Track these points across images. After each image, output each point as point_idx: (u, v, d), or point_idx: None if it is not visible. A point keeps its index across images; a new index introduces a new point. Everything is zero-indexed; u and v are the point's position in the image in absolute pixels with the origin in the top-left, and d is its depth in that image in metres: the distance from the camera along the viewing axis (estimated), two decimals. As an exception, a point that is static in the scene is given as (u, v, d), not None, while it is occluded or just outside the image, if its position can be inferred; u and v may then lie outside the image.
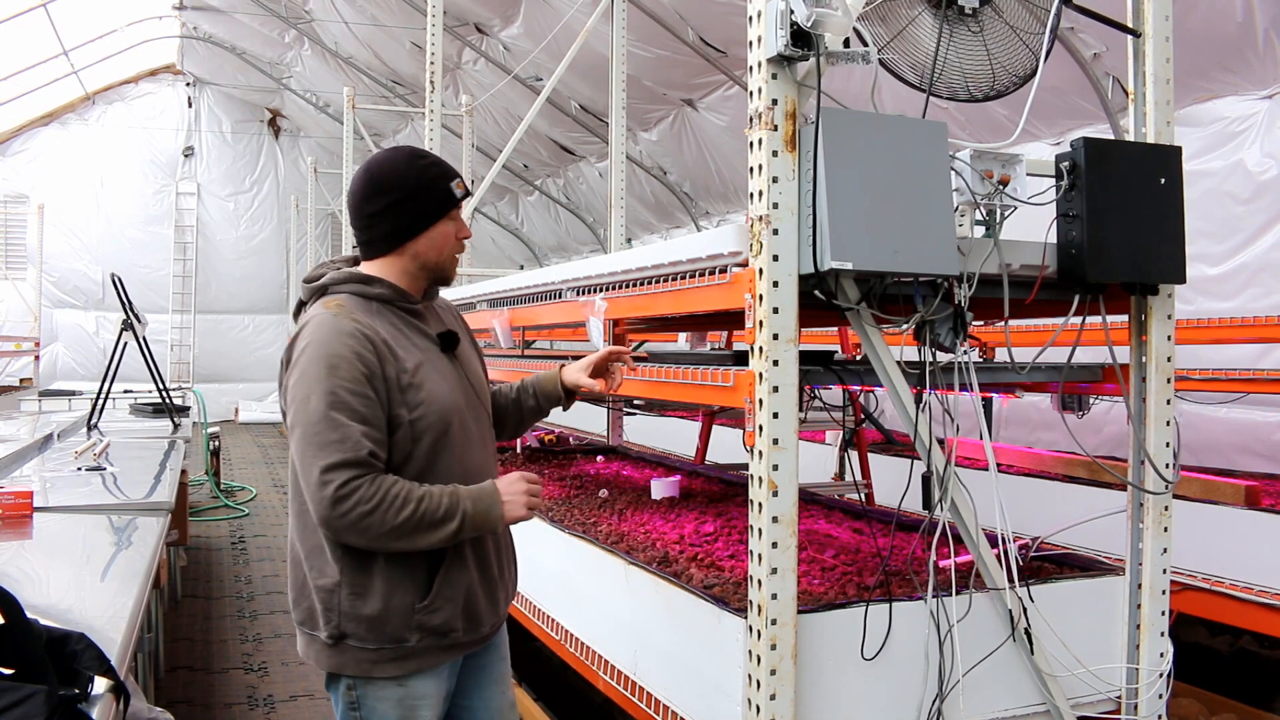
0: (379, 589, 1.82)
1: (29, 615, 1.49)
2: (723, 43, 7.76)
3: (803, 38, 1.86)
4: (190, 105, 16.31)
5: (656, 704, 2.44)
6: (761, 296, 1.94)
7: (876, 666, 2.11)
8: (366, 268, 1.96)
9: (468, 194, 2.00)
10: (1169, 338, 2.37)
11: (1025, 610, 2.20)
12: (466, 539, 1.86)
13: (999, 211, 2.16)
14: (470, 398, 1.98)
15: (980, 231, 2.17)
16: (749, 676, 2.00)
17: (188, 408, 6.75)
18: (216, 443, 8.67)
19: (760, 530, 1.96)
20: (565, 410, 2.28)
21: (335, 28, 11.58)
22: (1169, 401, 2.37)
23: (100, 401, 5.64)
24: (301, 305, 1.98)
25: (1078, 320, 2.24)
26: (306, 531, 1.86)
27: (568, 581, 3.09)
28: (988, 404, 4.10)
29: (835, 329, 4.83)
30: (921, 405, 2.09)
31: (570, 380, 2.22)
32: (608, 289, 2.87)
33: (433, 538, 1.77)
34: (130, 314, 5.59)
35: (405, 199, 1.91)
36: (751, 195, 1.98)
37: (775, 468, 1.94)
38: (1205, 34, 4.89)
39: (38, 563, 2.62)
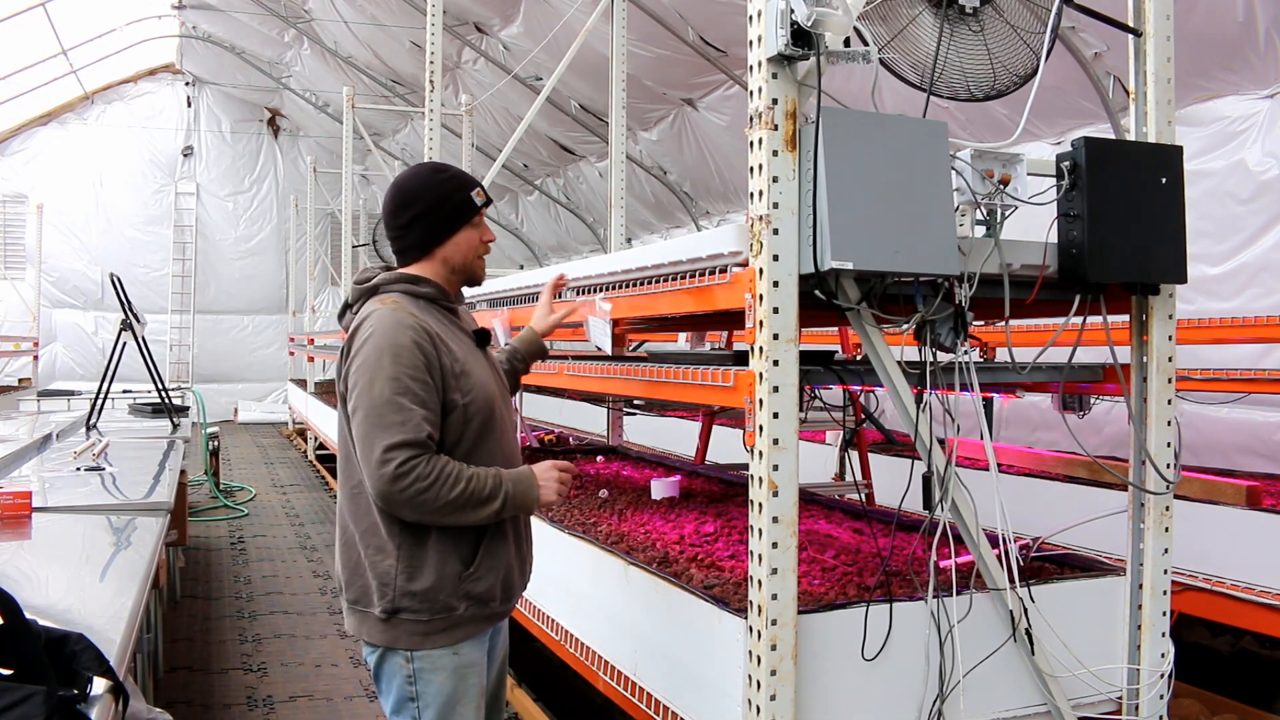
0: (432, 561, 1.96)
1: (28, 616, 1.49)
2: (723, 42, 7.76)
3: (803, 37, 1.86)
4: (189, 105, 16.32)
5: (656, 704, 2.43)
6: (761, 296, 1.94)
7: (877, 667, 2.10)
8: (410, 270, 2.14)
9: (489, 201, 2.16)
10: (1170, 337, 2.37)
11: (1026, 610, 2.20)
12: (506, 517, 2.02)
13: (999, 211, 2.15)
14: (502, 389, 2.18)
15: (981, 231, 2.17)
16: (749, 677, 2.00)
17: (187, 408, 6.74)
18: (216, 443, 8.66)
19: (760, 530, 1.95)
20: (545, 359, 2.64)
21: (335, 27, 11.58)
22: (1170, 401, 2.37)
23: (99, 401, 5.64)
24: (347, 306, 2.14)
25: (1078, 320, 2.24)
26: (360, 513, 2.00)
27: (568, 582, 3.08)
28: (988, 404, 4.09)
29: (835, 329, 4.83)
30: (922, 405, 2.09)
31: (542, 328, 2.56)
32: (608, 289, 2.86)
33: (479, 514, 1.94)
34: (129, 314, 5.58)
35: (429, 210, 2.09)
36: (751, 195, 1.98)
37: (775, 468, 1.93)
38: (1206, 33, 4.89)
39: (36, 563, 2.62)
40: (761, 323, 1.94)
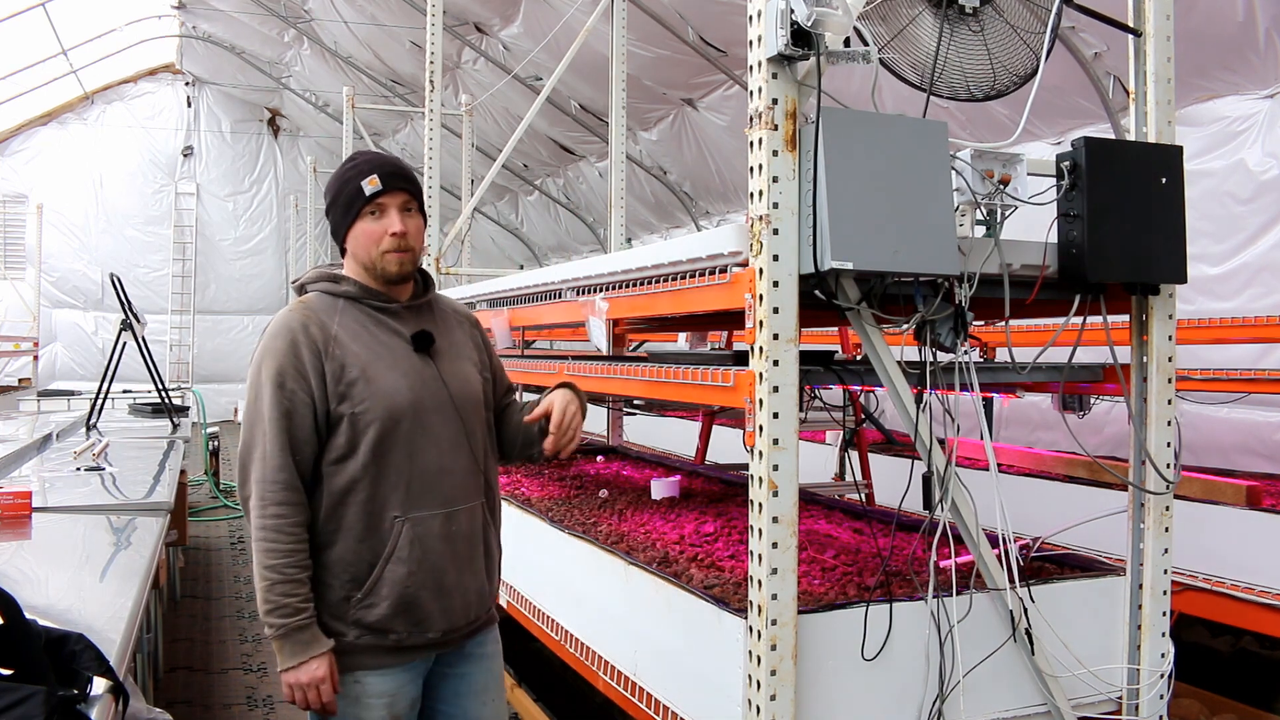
0: (319, 579, 1.88)
1: (28, 615, 1.49)
2: (723, 42, 7.75)
3: (803, 37, 1.86)
4: (189, 105, 16.30)
5: (656, 704, 2.43)
6: (761, 296, 1.94)
7: (877, 667, 2.10)
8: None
9: (386, 190, 1.95)
10: (1170, 338, 2.37)
11: (1026, 610, 2.20)
12: (400, 547, 1.89)
13: (999, 211, 2.15)
14: (439, 398, 1.97)
15: (981, 231, 2.17)
16: (749, 677, 2.00)
17: (187, 408, 6.74)
18: (216, 443, 8.66)
19: (760, 530, 1.95)
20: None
21: (335, 27, 11.57)
22: (1170, 401, 2.37)
23: (99, 401, 5.64)
24: None
25: (1078, 320, 2.24)
26: None
27: (568, 581, 3.08)
28: (988, 404, 4.09)
29: (835, 329, 4.83)
30: (922, 405, 2.09)
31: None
32: (608, 289, 2.86)
33: (261, 585, 1.83)
34: (129, 314, 5.59)
35: (331, 202, 2.02)
36: (751, 195, 1.98)
37: (775, 468, 1.93)
38: (1206, 33, 4.89)
39: (36, 563, 2.62)
40: (761, 323, 1.94)
